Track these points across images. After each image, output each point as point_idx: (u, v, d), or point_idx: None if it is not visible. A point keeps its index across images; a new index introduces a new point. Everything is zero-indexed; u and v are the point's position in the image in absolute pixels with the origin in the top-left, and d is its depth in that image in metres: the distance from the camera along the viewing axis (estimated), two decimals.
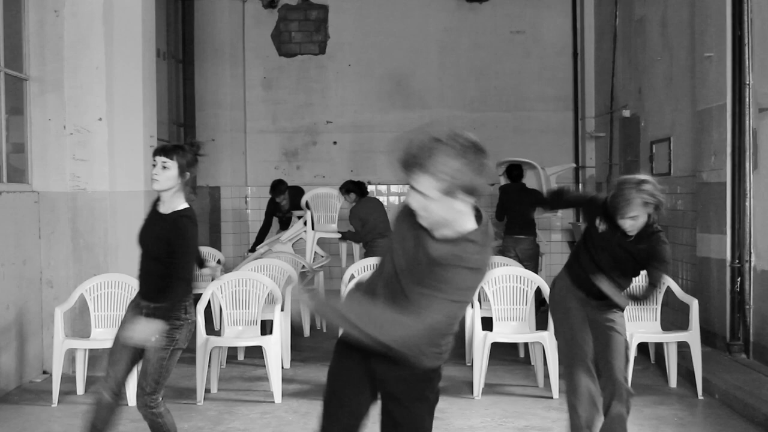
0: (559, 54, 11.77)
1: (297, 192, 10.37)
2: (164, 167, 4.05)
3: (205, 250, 11.09)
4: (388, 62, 11.77)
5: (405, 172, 2.74)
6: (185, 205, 4.12)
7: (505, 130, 11.71)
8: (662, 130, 8.72)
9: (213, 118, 11.42)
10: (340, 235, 9.35)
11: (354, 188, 9.17)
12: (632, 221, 4.13)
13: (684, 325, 6.27)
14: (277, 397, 5.94)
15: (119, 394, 4.19)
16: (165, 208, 4.11)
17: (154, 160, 4.09)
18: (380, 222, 8.71)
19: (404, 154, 2.75)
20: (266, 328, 6.96)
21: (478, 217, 2.83)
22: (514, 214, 8.99)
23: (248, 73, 11.76)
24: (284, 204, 10.14)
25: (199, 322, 5.89)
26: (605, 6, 10.90)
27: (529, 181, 10.06)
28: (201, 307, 6.01)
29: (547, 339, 5.93)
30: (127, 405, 5.81)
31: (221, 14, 11.36)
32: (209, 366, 6.10)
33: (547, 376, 6.13)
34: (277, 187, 10.13)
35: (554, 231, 11.13)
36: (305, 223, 9.75)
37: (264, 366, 6.37)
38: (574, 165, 11.01)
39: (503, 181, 9.67)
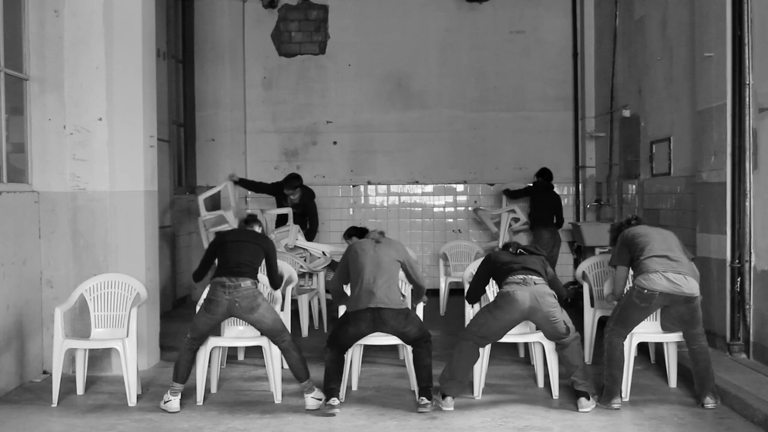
0: (559, 54, 11.76)
1: (307, 193, 10.31)
2: None
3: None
4: (388, 62, 11.77)
5: None
6: None
7: (505, 130, 11.71)
8: (662, 130, 8.72)
9: (213, 118, 11.41)
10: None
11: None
12: None
13: None
14: (277, 397, 5.94)
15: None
16: None
17: None
18: None
19: None
20: None
21: None
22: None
23: (248, 73, 11.76)
24: (294, 199, 10.07)
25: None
26: (605, 6, 10.90)
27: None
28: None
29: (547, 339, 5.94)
30: (128, 405, 5.83)
31: (221, 14, 11.35)
32: (209, 366, 6.11)
33: (547, 375, 6.13)
34: (290, 181, 10.08)
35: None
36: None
37: (264, 366, 6.37)
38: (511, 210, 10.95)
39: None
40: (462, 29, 11.77)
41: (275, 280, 6.30)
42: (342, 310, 6.22)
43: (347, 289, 6.19)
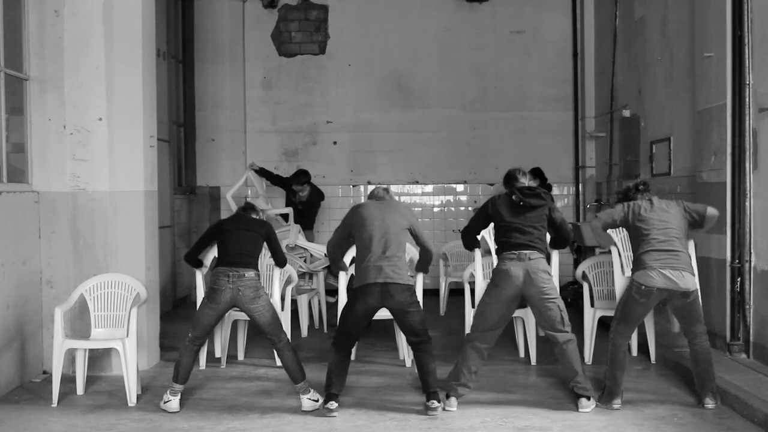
0: (559, 54, 11.77)
1: (317, 193, 10.35)
2: None
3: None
4: (388, 62, 11.77)
5: None
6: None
7: (505, 130, 11.72)
8: (662, 130, 8.72)
9: (213, 118, 11.41)
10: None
11: None
12: None
13: None
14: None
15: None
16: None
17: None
18: None
19: None
20: None
21: None
22: None
23: (248, 73, 11.76)
24: (303, 195, 10.15)
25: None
26: (605, 6, 10.90)
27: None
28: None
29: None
30: (128, 405, 5.83)
31: (221, 14, 11.35)
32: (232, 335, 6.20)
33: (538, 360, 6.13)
34: (298, 177, 10.16)
35: None
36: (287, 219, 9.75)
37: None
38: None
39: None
40: (462, 29, 11.77)
41: (280, 259, 6.54)
42: (341, 278, 6.65)
43: (347, 258, 6.36)
